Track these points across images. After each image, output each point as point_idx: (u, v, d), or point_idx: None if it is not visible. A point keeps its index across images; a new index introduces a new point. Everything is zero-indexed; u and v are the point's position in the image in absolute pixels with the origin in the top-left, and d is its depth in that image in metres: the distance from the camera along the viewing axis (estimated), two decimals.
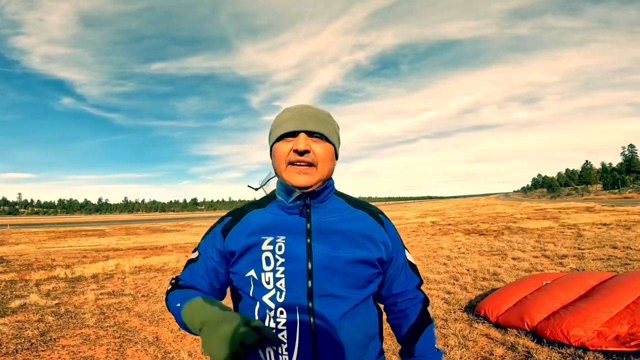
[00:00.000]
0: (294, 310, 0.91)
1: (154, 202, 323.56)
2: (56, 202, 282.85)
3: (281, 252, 0.94)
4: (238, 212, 1.08)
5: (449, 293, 5.23)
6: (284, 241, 0.96)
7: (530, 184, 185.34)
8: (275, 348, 0.90)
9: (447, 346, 3.41)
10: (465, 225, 17.29)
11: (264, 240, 0.96)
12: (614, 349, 2.97)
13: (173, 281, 1.09)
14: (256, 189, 1.07)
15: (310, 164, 0.95)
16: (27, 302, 5.48)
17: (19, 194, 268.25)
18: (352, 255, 0.96)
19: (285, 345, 0.90)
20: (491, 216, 23.30)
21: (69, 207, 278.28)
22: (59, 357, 3.44)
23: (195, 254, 1.08)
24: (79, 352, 3.59)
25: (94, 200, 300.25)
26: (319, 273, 0.93)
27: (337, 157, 1.05)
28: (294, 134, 0.95)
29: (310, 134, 0.95)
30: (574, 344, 3.16)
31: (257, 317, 0.93)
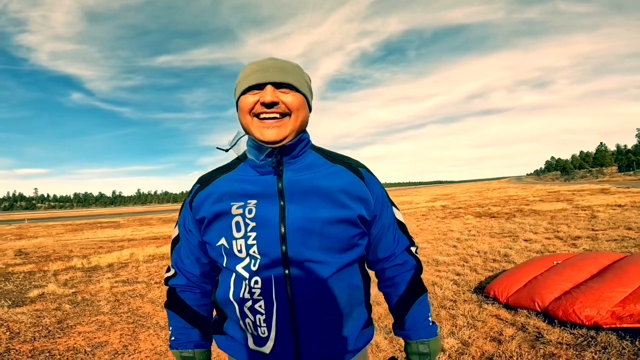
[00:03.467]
0: (269, 279, 0.85)
1: (166, 193, 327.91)
2: (72, 196, 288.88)
3: (251, 216, 0.87)
4: (206, 177, 1.00)
5: (458, 275, 5.21)
6: (255, 205, 0.88)
7: (543, 167, 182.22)
8: (253, 319, 0.87)
9: (456, 326, 3.40)
10: (476, 209, 17.11)
11: (232, 205, 0.89)
12: (628, 325, 2.92)
13: (166, 278, 1.04)
14: (226, 150, 0.97)
15: (281, 115, 0.87)
16: (45, 292, 5.63)
17: (35, 189, 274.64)
18: (330, 214, 0.87)
19: (263, 317, 0.86)
20: (503, 199, 23.00)
21: (84, 200, 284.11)
22: (75, 343, 3.54)
23: (176, 231, 1.03)
24: (94, 337, 3.68)
25: (108, 193, 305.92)
26: (294, 236, 0.85)
27: (310, 109, 0.97)
28: (259, 87, 0.87)
29: (278, 85, 0.87)
30: (586, 323, 3.12)
31: (232, 289, 0.89)
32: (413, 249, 1.04)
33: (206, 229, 0.93)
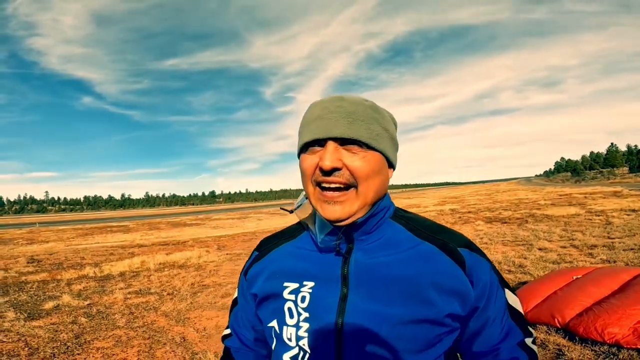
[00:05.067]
0: None
1: (174, 196, 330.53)
2: (82, 199, 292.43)
3: (304, 305, 0.71)
4: (266, 244, 0.88)
5: None
6: (310, 290, 0.72)
7: (553, 167, 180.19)
8: None
9: None
10: (486, 213, 16.95)
11: (285, 287, 0.75)
12: None
13: (223, 335, 0.97)
14: (290, 212, 0.82)
15: (345, 186, 0.67)
16: (60, 303, 5.69)
17: (46, 192, 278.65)
18: (406, 312, 0.67)
19: None
20: (513, 202, 22.75)
21: (94, 203, 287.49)
22: None
23: (236, 293, 0.94)
24: (112, 354, 3.71)
25: (117, 196, 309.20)
26: (354, 335, 0.67)
27: (392, 166, 0.75)
28: (320, 142, 0.68)
29: (343, 141, 0.67)
30: (608, 341, 3.07)
31: None
32: (529, 340, 0.78)
33: (259, 305, 0.82)
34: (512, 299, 0.78)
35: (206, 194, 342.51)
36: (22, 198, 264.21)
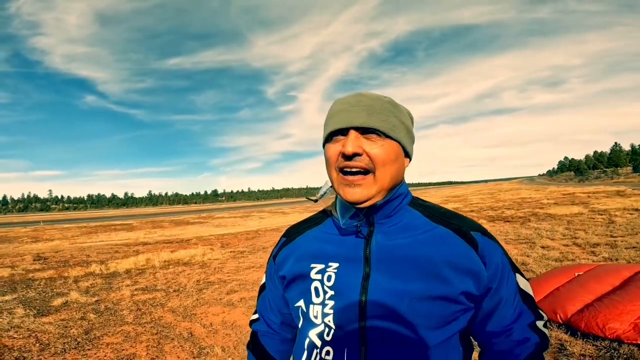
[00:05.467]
0: (342, 353, 0.74)
1: (177, 194, 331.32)
2: (85, 198, 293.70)
3: (330, 284, 0.78)
4: (293, 231, 0.95)
5: None
6: (335, 270, 0.79)
7: (556, 167, 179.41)
8: None
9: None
10: (489, 212, 16.96)
11: (312, 268, 0.81)
12: None
13: (251, 320, 1.05)
14: (315, 201, 0.88)
15: (365, 171, 0.74)
16: (69, 300, 5.78)
17: (50, 190, 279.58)
18: (423, 289, 0.73)
19: None
20: (516, 202, 22.74)
21: (97, 202, 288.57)
22: (105, 356, 3.64)
23: (263, 279, 1.01)
24: (122, 349, 3.78)
25: (121, 195, 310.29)
26: (376, 311, 0.73)
27: (408, 156, 0.83)
28: (342, 132, 0.76)
29: (363, 130, 0.75)
30: (609, 336, 3.12)
31: (305, 354, 0.81)
32: (540, 323, 0.84)
33: (287, 287, 0.88)
34: (523, 283, 0.85)
35: (209, 192, 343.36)
36: (26, 197, 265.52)
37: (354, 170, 0.74)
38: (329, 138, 0.79)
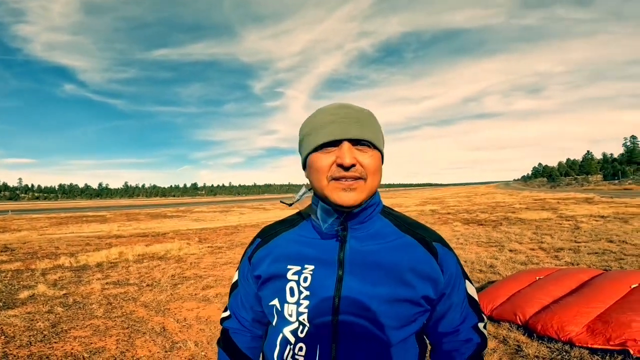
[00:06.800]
0: (314, 349, 0.81)
1: (154, 187, 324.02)
2: (57, 187, 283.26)
3: (306, 284, 0.84)
4: (268, 231, 0.99)
5: None
6: (311, 272, 0.85)
7: (530, 172, 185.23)
8: None
9: None
10: (464, 215, 17.44)
11: (289, 269, 0.87)
12: (599, 346, 3.07)
13: (222, 318, 1.07)
14: (290, 205, 0.93)
15: (358, 178, 0.79)
16: (36, 293, 5.62)
17: (20, 179, 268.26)
18: (390, 292, 0.81)
19: None
20: (490, 205, 23.47)
21: (69, 192, 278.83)
22: (72, 349, 3.59)
23: (236, 276, 1.05)
24: (90, 343, 3.73)
25: (95, 185, 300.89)
26: (347, 311, 0.81)
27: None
28: (334, 143, 0.80)
29: (355, 141, 0.79)
30: (562, 339, 3.25)
31: (277, 349, 0.87)
32: (481, 324, 0.95)
33: (261, 286, 0.92)
34: (471, 289, 0.96)
35: (188, 186, 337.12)
36: None
37: (350, 179, 0.79)
38: (316, 148, 0.81)
